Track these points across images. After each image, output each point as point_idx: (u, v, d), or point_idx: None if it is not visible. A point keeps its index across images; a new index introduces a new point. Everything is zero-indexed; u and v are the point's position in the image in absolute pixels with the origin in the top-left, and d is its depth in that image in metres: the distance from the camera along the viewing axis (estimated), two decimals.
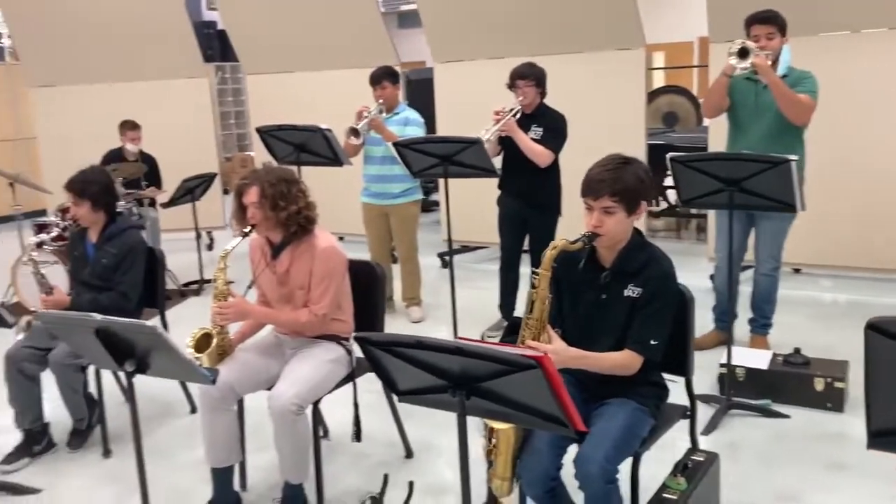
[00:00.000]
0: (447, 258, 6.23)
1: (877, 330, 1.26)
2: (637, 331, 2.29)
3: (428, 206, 7.55)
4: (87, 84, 7.52)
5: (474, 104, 4.99)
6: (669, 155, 3.40)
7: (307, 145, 4.53)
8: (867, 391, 1.34)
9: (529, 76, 4.28)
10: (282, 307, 2.90)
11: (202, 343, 2.79)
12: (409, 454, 3.25)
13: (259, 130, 4.77)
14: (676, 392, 2.49)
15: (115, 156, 6.22)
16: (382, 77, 4.79)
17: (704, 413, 3.41)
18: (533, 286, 2.25)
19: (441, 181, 4.76)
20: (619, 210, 2.26)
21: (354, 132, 4.52)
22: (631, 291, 2.31)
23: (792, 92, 3.58)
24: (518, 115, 4.26)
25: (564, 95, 4.51)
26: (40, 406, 3.40)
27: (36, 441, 3.39)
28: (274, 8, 6.92)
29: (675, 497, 2.25)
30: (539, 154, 4.23)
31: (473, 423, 2.01)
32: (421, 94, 6.88)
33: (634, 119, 5.68)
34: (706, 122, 6.02)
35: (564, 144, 4.33)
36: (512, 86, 4.32)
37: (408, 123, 4.78)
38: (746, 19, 3.70)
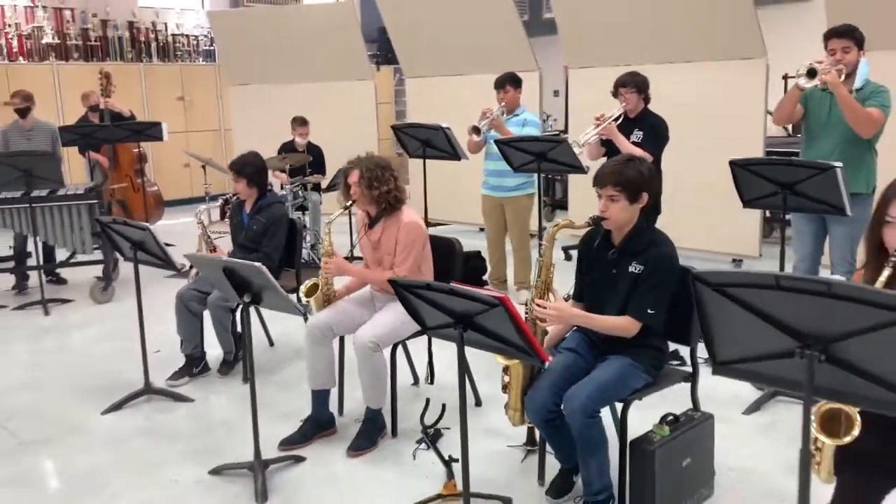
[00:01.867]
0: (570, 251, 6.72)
1: (701, 280, 1.71)
2: (637, 300, 2.75)
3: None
4: (273, 84, 8.74)
5: (606, 107, 5.40)
6: (730, 159, 3.74)
7: (431, 141, 5.22)
8: (704, 332, 1.79)
9: (630, 84, 4.69)
10: (374, 268, 3.61)
11: (311, 290, 3.58)
12: (478, 402, 3.85)
13: (394, 128, 5.54)
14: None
15: (288, 147, 7.29)
16: (506, 82, 5.37)
17: (752, 394, 3.71)
18: (540, 255, 2.79)
19: None
20: (622, 198, 2.74)
21: (476, 130, 5.15)
22: (634, 268, 2.78)
23: (859, 106, 3.75)
24: (620, 120, 4.70)
25: (686, 103, 4.81)
26: (201, 337, 4.35)
27: (195, 364, 4.34)
28: (431, 18, 7.71)
29: (655, 440, 2.70)
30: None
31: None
32: None
33: (753, 129, 5.87)
34: None
35: (664, 147, 4.71)
36: (616, 93, 4.76)
37: (526, 124, 5.34)
38: (825, 33, 3.92)
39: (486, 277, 5.85)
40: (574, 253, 5.87)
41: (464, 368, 2.44)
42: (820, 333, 1.59)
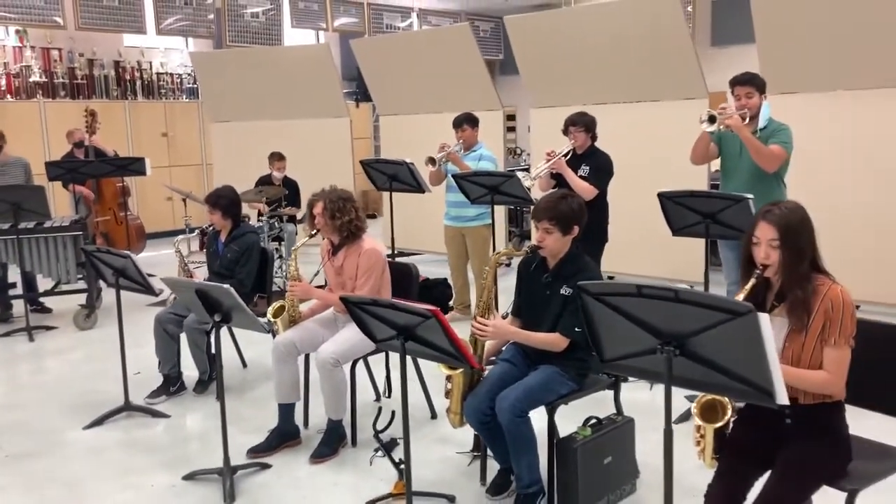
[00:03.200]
0: None
1: (584, 291, 2.08)
2: (566, 319, 3.12)
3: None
4: (253, 121, 9.15)
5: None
6: (658, 192, 4.14)
7: (397, 175, 5.61)
8: (590, 335, 2.15)
9: (580, 123, 5.09)
10: (338, 291, 3.96)
11: (279, 311, 3.92)
12: (433, 415, 4.19)
13: (362, 163, 5.93)
14: None
15: (265, 180, 7.67)
16: (463, 122, 5.80)
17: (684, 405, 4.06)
18: (483, 278, 3.16)
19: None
20: (556, 231, 3.12)
21: (431, 160, 5.55)
22: (565, 290, 3.14)
23: (761, 145, 4.16)
24: (569, 156, 5.11)
25: (636, 140, 5.22)
26: (177, 358, 4.66)
27: (172, 383, 4.65)
28: (402, 60, 8.17)
29: (578, 439, 3.05)
30: (584, 189, 4.99)
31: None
32: None
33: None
34: None
35: (609, 181, 5.11)
36: (566, 131, 5.17)
37: (482, 159, 5.75)
38: (730, 81, 4.34)
39: (451, 303, 6.22)
40: None
41: (405, 376, 2.79)
42: (675, 332, 1.96)
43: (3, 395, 4.90)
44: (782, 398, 1.87)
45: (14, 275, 6.45)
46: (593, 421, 3.17)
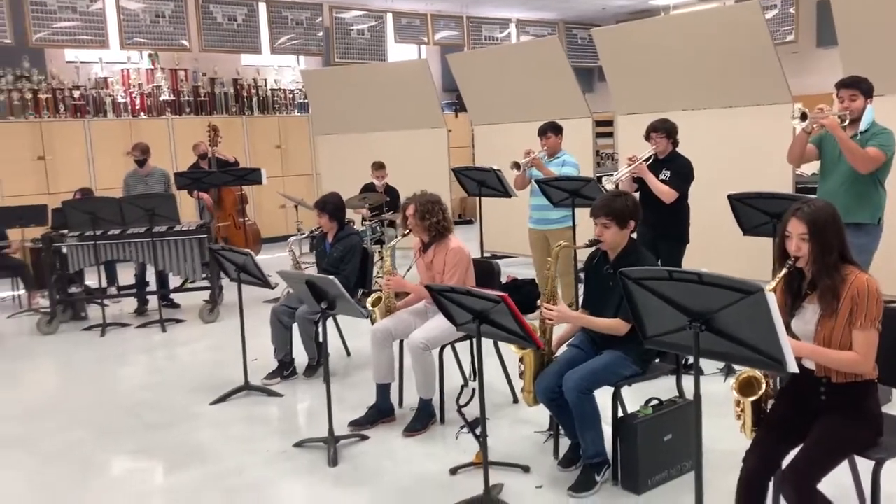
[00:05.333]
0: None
1: (625, 276, 2.44)
2: (626, 307, 3.45)
3: None
4: (357, 133, 9.81)
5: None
6: (728, 194, 4.39)
7: (486, 182, 6.04)
8: (634, 315, 2.50)
9: (661, 129, 5.36)
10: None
11: (376, 302, 4.43)
12: (515, 400, 4.58)
13: (454, 170, 6.39)
14: None
15: (368, 188, 8.27)
16: (547, 129, 6.16)
17: None
18: (547, 269, 3.55)
19: None
20: (613, 225, 3.47)
21: (516, 165, 5.94)
22: None
23: (856, 146, 4.26)
24: (651, 160, 5.39)
25: (721, 145, 5.41)
26: (290, 345, 5.25)
27: (285, 368, 5.24)
28: (494, 72, 8.62)
29: (639, 416, 3.38)
30: (664, 193, 5.26)
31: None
32: None
33: (782, 168, 6.42)
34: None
35: (690, 185, 5.36)
36: (647, 137, 5.45)
37: (564, 164, 6.10)
38: (836, 84, 4.44)
39: (539, 302, 6.57)
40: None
41: (480, 355, 3.21)
42: (701, 310, 2.29)
43: (141, 376, 5.63)
44: (792, 367, 2.18)
45: (149, 274, 7.28)
46: (654, 402, 3.49)
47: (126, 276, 7.70)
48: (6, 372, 5.84)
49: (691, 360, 2.44)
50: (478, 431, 3.77)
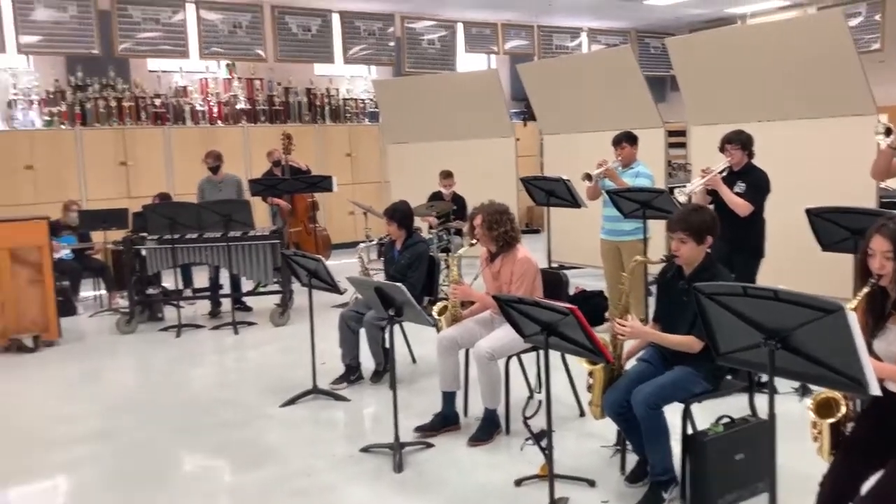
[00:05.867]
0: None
1: (698, 290, 2.39)
2: (700, 324, 3.38)
3: None
4: (426, 142, 9.89)
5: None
6: (806, 208, 4.27)
7: (554, 191, 6.01)
8: (706, 331, 2.45)
9: (736, 141, 5.25)
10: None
11: (442, 310, 4.45)
12: (581, 413, 4.54)
13: (522, 180, 6.38)
14: None
15: (436, 196, 8.34)
16: (622, 139, 6.09)
17: None
18: (621, 284, 3.50)
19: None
20: (690, 240, 3.41)
21: (588, 177, 5.88)
22: None
23: None
24: (725, 172, 5.28)
25: (802, 158, 5.28)
26: (357, 350, 5.32)
27: (352, 372, 5.31)
28: (565, 81, 8.58)
29: (709, 434, 3.30)
30: (738, 206, 5.14)
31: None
32: None
33: (865, 181, 6.19)
34: None
35: (765, 198, 5.22)
36: (722, 148, 5.34)
37: (638, 175, 6.01)
38: None
39: (607, 314, 6.50)
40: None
41: (548, 368, 3.19)
42: (776, 328, 2.24)
43: (215, 376, 5.79)
44: (874, 389, 2.10)
45: (223, 277, 7.49)
46: (726, 420, 3.41)
47: (200, 278, 7.94)
48: (88, 370, 6.09)
49: (765, 377, 2.38)
50: (544, 443, 3.78)
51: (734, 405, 3.71)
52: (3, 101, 9.98)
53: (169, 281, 7.67)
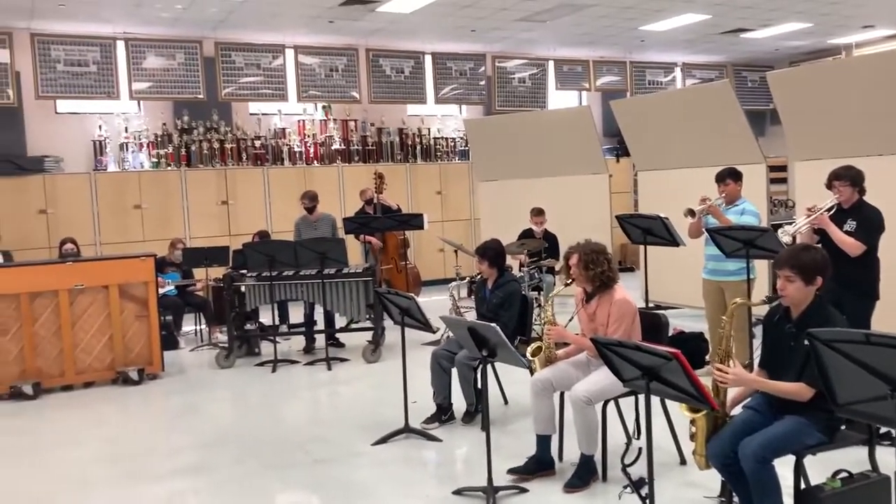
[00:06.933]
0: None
1: (814, 337, 2.25)
2: (811, 369, 3.18)
3: None
4: (517, 179, 9.87)
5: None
6: None
7: (651, 229, 5.86)
8: (823, 380, 2.30)
9: (845, 177, 5.00)
10: (590, 336, 4.31)
11: (536, 351, 4.37)
12: (682, 461, 4.34)
13: (618, 217, 6.26)
14: None
15: (527, 234, 8.28)
16: (726, 176, 5.89)
17: None
18: (721, 328, 3.35)
19: None
20: (798, 280, 3.24)
21: (691, 212, 5.70)
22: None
23: None
24: (833, 210, 5.03)
25: None
26: (449, 390, 5.28)
27: (444, 412, 5.27)
28: (660, 116, 8.43)
29: (826, 490, 3.08)
30: (849, 245, 4.87)
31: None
32: None
33: None
34: None
35: (879, 237, 4.94)
36: (829, 185, 5.10)
37: (744, 213, 5.80)
38: None
39: (708, 357, 6.25)
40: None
41: (650, 413, 3.07)
42: None
43: (309, 411, 5.86)
44: None
45: (317, 313, 7.62)
46: (844, 475, 3.18)
47: (296, 315, 8.10)
48: (187, 403, 6.27)
49: (885, 429, 2.21)
50: (644, 492, 3.62)
51: (851, 458, 3.46)
52: (116, 144, 10.58)
53: (266, 317, 7.86)
